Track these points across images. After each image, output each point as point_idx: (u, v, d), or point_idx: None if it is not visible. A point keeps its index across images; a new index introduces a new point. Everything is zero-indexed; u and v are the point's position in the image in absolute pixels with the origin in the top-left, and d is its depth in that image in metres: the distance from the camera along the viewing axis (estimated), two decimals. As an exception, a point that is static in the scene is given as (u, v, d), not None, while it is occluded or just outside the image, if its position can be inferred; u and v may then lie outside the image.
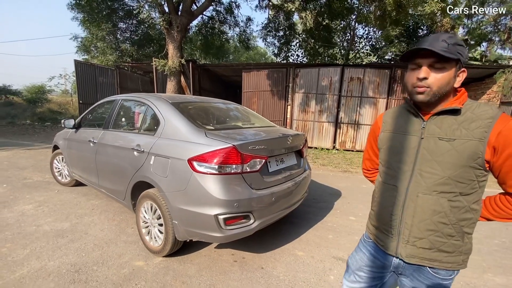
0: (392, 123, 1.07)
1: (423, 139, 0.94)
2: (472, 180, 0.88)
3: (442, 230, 0.91)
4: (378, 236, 1.08)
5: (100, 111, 3.52)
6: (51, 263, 2.15)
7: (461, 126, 0.88)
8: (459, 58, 0.86)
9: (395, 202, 1.00)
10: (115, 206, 3.34)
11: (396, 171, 1.00)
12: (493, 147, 0.84)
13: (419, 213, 0.94)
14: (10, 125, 11.96)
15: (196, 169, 1.92)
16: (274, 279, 2.08)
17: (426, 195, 0.92)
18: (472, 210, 0.91)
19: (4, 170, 4.79)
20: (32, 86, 19.14)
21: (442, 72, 0.87)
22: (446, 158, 0.88)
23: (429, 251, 0.94)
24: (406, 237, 0.97)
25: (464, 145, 0.86)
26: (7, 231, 2.63)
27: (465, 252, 0.94)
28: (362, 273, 1.14)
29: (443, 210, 0.90)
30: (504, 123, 0.83)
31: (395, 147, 1.02)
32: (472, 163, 0.86)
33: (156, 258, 2.28)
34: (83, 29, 12.54)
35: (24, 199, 3.47)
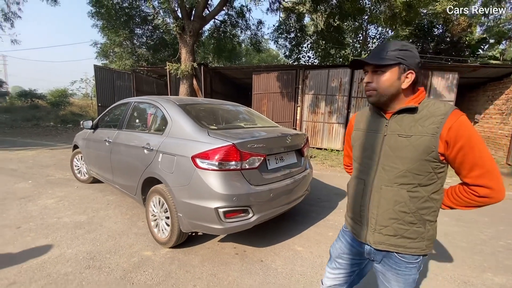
0: (362, 122, 1.17)
1: (386, 136, 1.03)
2: (429, 172, 0.95)
3: (404, 218, 0.99)
4: (352, 226, 1.18)
5: (116, 112, 3.77)
6: (69, 251, 2.37)
7: (418, 123, 0.96)
8: (399, 62, 0.95)
9: (363, 194, 1.10)
10: (128, 201, 3.57)
11: (364, 166, 1.11)
12: (445, 141, 0.91)
13: (383, 204, 1.03)
14: (35, 126, 12.73)
15: (198, 166, 2.07)
16: (272, 271, 2.19)
17: (388, 187, 1.01)
18: (432, 199, 0.98)
19: (30, 167, 5.18)
20: (56, 90, 20.27)
21: (383, 75, 0.98)
22: (404, 153, 0.97)
23: (394, 238, 1.02)
24: (373, 226, 1.06)
25: (419, 140, 0.94)
26: (31, 222, 2.89)
27: (427, 238, 1.01)
28: (341, 260, 1.24)
29: (403, 200, 0.98)
30: (454, 118, 0.91)
31: (363, 144, 1.12)
32: (427, 157, 0.94)
33: (163, 249, 2.45)
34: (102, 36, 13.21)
35: (47, 194, 3.77)
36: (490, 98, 9.08)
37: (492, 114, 8.92)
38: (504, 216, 3.58)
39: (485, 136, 9.20)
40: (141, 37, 14.55)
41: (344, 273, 1.24)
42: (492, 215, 3.61)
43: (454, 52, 12.46)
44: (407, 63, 0.96)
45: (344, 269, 1.23)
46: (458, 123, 0.90)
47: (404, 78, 0.97)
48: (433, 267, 2.34)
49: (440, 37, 12.47)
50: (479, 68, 7.91)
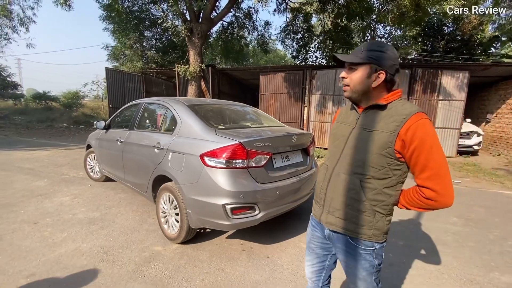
0: (342, 115, 1.24)
1: (354, 129, 1.10)
2: (383, 166, 1.00)
3: (354, 204, 1.06)
4: (314, 207, 1.27)
5: (127, 113, 3.89)
6: (84, 245, 2.48)
7: (382, 120, 1.02)
8: (370, 62, 1.01)
9: (324, 178, 1.18)
10: (139, 199, 3.68)
11: (331, 154, 1.19)
12: (402, 140, 0.96)
13: (338, 189, 1.10)
14: (49, 127, 13.15)
15: (206, 164, 2.15)
16: (278, 267, 2.24)
17: (345, 174, 1.08)
18: (384, 193, 1.03)
19: (45, 167, 5.39)
20: (68, 92, 20.87)
21: (355, 73, 1.05)
22: (364, 145, 1.03)
23: (344, 221, 1.10)
24: (327, 208, 1.15)
25: (379, 135, 1.00)
26: (48, 218, 3.03)
27: (376, 227, 1.06)
28: (313, 245, 1.31)
29: (355, 188, 1.05)
30: (415, 120, 0.95)
31: (335, 134, 1.21)
32: (383, 151, 0.99)
33: (173, 244, 2.54)
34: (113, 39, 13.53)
35: (62, 192, 3.93)
36: (502, 97, 8.88)
37: (505, 113, 8.72)
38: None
39: (498, 136, 9.00)
40: (150, 39, 14.85)
41: (317, 258, 1.30)
42: (502, 215, 3.57)
43: (465, 51, 12.21)
44: (378, 63, 1.01)
45: (316, 254, 1.30)
46: (416, 125, 0.94)
47: (376, 77, 1.02)
48: (439, 266, 2.35)
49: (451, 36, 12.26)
50: (491, 66, 7.75)
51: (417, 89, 8.11)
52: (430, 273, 2.25)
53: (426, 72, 7.96)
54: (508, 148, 8.37)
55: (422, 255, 2.53)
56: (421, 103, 8.03)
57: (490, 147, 9.45)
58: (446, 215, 3.49)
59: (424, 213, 3.53)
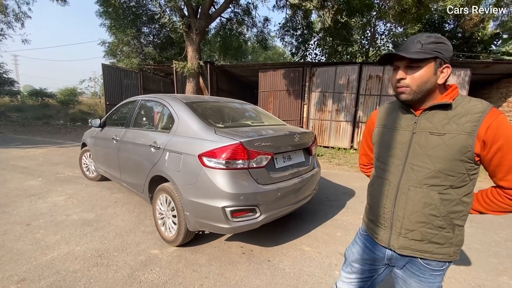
0: (385, 119, 1.10)
1: (415, 134, 0.97)
2: (462, 173, 0.90)
3: (433, 222, 0.94)
4: (373, 229, 1.12)
5: (123, 111, 3.78)
6: (78, 248, 2.38)
7: (452, 120, 0.90)
8: (436, 55, 0.88)
9: (388, 195, 1.03)
10: (135, 199, 3.58)
11: (389, 165, 1.04)
12: (482, 141, 0.86)
13: (410, 206, 0.96)
14: (46, 125, 12.98)
15: (205, 164, 2.05)
16: (280, 272, 2.16)
17: (416, 188, 0.95)
18: (463, 202, 0.93)
19: (40, 165, 5.27)
20: (65, 89, 20.64)
21: (418, 71, 0.91)
22: (436, 152, 0.91)
23: (420, 243, 0.97)
24: (398, 229, 1.00)
25: (454, 139, 0.88)
26: (41, 219, 2.93)
27: (456, 243, 0.96)
28: (358, 264, 1.18)
29: (433, 202, 0.92)
30: (493, 117, 0.85)
31: (388, 142, 1.05)
32: (462, 157, 0.88)
33: (170, 247, 2.45)
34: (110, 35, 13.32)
35: (56, 191, 3.82)
36: (503, 95, 8.82)
37: (506, 111, 8.67)
38: (520, 217, 3.46)
39: (498, 134, 8.96)
40: (148, 35, 14.62)
41: (360, 278, 1.18)
42: (507, 216, 3.49)
43: (466, 48, 12.12)
44: (443, 57, 0.90)
45: (361, 274, 1.18)
46: (497, 122, 0.85)
47: (440, 72, 0.92)
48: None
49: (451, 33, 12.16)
50: (493, 64, 7.68)
51: (418, 86, 8.02)
52: (437, 277, 2.17)
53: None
54: (508, 146, 8.34)
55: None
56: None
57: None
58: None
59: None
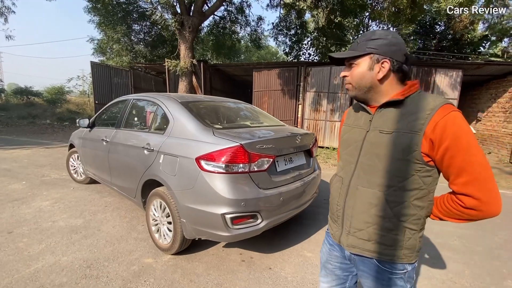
0: (351, 117, 1.08)
1: (368, 132, 0.94)
2: (411, 174, 0.83)
3: (379, 223, 0.89)
4: (331, 226, 1.09)
5: (113, 110, 3.61)
6: (64, 258, 2.21)
7: (402, 118, 0.85)
8: (370, 52, 0.88)
9: (340, 193, 1.01)
10: (127, 203, 3.41)
11: (344, 164, 1.02)
12: (430, 140, 0.79)
13: (358, 205, 0.93)
14: (31, 124, 12.49)
15: (203, 168, 1.92)
16: (282, 280, 2.05)
17: (364, 187, 0.92)
18: (415, 206, 0.86)
19: (24, 167, 5.00)
20: (52, 87, 19.96)
21: (355, 68, 0.93)
22: (383, 150, 0.87)
23: (368, 242, 0.93)
24: (347, 228, 0.98)
25: (400, 138, 0.83)
26: (24, 226, 2.73)
27: (407, 247, 0.89)
28: (330, 265, 1.13)
29: (379, 203, 0.88)
30: (442, 114, 0.78)
31: (347, 140, 1.03)
32: (408, 157, 0.82)
33: (165, 255, 2.31)
34: (99, 32, 12.93)
35: (41, 195, 3.60)
36: (493, 96, 8.97)
37: (495, 112, 8.83)
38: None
39: (488, 134, 9.11)
40: (138, 33, 14.25)
41: (336, 280, 1.12)
42: (504, 217, 3.49)
43: (456, 50, 12.33)
44: (378, 52, 0.87)
45: (335, 276, 1.12)
46: (445, 120, 0.77)
47: (379, 68, 0.88)
48: (450, 274, 2.22)
49: (442, 34, 12.34)
50: (484, 65, 7.79)
51: (411, 87, 8.07)
52: (442, 282, 2.11)
53: (420, 70, 7.94)
54: (498, 146, 8.48)
55: (431, 262, 2.39)
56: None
57: (480, 145, 9.55)
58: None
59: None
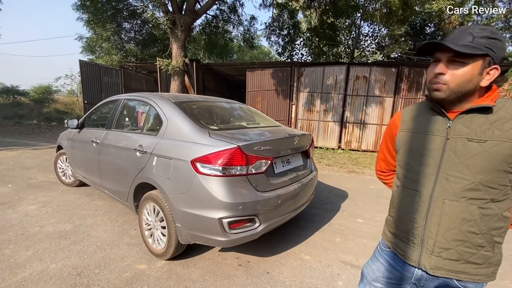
0: (412, 122, 0.97)
1: (448, 140, 0.85)
2: (505, 185, 0.79)
3: (472, 240, 0.83)
4: (398, 245, 1.00)
5: (103, 111, 3.49)
6: (53, 266, 2.11)
7: (493, 126, 0.79)
8: (487, 53, 0.76)
9: (418, 209, 0.91)
10: (118, 207, 3.30)
11: (418, 175, 0.91)
12: None
13: (445, 221, 0.85)
14: (17, 125, 12.09)
15: (199, 171, 1.86)
16: (280, 285, 2.01)
17: (453, 201, 0.84)
18: (505, 218, 0.83)
19: (10, 170, 4.81)
20: (39, 87, 19.38)
21: (462, 67, 0.79)
22: (477, 161, 0.80)
23: (456, 263, 0.86)
24: (430, 247, 0.89)
25: (497, 147, 0.77)
26: (10, 232, 2.61)
27: (495, 263, 0.85)
28: (379, 284, 1.06)
29: (473, 218, 0.82)
30: None
31: (416, 148, 0.93)
32: (507, 167, 0.77)
33: (159, 261, 2.23)
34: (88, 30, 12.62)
35: (28, 199, 3.46)
36: (481, 96, 9.19)
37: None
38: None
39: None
40: (129, 31, 13.99)
41: None
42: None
43: (446, 51, 12.49)
44: (494, 56, 0.77)
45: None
46: None
47: (486, 74, 0.79)
48: (448, 274, 2.22)
49: (432, 36, 12.55)
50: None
51: (403, 87, 8.17)
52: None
53: (412, 71, 8.04)
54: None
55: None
56: (407, 102, 8.12)
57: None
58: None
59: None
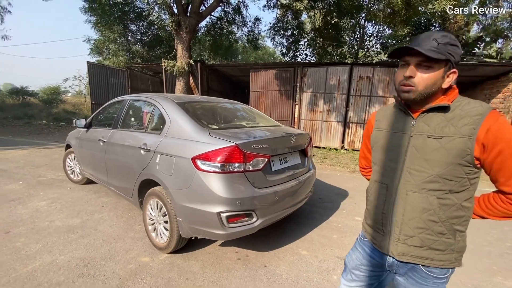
0: (384, 121, 1.07)
1: (412, 137, 0.94)
2: (461, 177, 0.87)
3: (432, 228, 0.91)
4: (373, 235, 1.09)
5: (110, 111, 3.62)
6: (61, 257, 2.23)
7: (450, 123, 0.87)
8: (448, 58, 0.85)
9: (386, 200, 1.00)
10: (124, 203, 3.43)
11: (387, 169, 1.01)
12: (482, 144, 0.83)
13: (408, 211, 0.94)
14: (27, 125, 12.41)
15: (199, 168, 1.95)
16: (277, 278, 2.09)
17: (415, 193, 0.92)
18: (464, 207, 0.90)
19: (21, 168, 4.99)
20: (48, 88, 19.84)
21: (429, 71, 0.87)
22: (435, 155, 0.88)
23: (420, 249, 0.94)
24: (397, 235, 0.97)
25: (452, 142, 0.86)
26: (21, 226, 2.75)
27: (457, 250, 0.93)
28: (359, 272, 1.14)
29: (432, 208, 0.90)
30: (493, 119, 0.82)
31: (386, 145, 1.03)
32: (461, 161, 0.85)
33: (162, 254, 2.33)
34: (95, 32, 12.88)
35: (38, 196, 3.61)
36: (487, 96, 9.11)
37: (489, 112, 8.96)
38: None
39: (482, 135, 9.25)
40: (135, 33, 14.22)
41: (361, 286, 1.15)
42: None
43: (451, 51, 12.39)
44: (454, 61, 0.87)
45: (362, 282, 1.14)
46: (497, 125, 0.82)
47: (447, 77, 0.89)
48: (442, 271, 2.27)
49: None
50: (477, 66, 7.91)
51: (406, 87, 8.15)
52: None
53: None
54: (492, 146, 8.61)
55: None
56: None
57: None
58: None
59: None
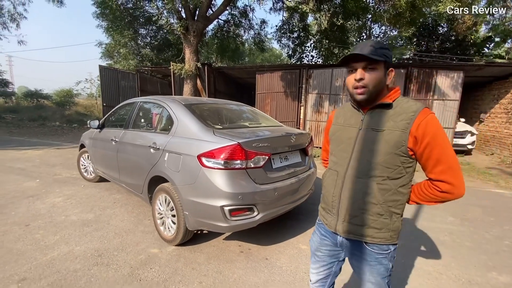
0: (340, 117, 1.22)
1: (360, 130, 1.09)
2: (398, 166, 1.01)
3: (372, 209, 1.04)
4: (325, 217, 1.23)
5: (122, 112, 3.82)
6: (77, 248, 2.42)
7: (390, 118, 1.02)
8: (385, 60, 1.00)
9: (336, 185, 1.14)
10: (134, 200, 3.62)
11: (339, 158, 1.15)
12: (414, 137, 0.97)
13: (353, 195, 1.08)
14: (42, 126, 12.89)
15: (204, 164, 2.10)
16: (277, 269, 2.21)
17: (359, 178, 1.06)
18: (399, 193, 1.03)
19: (37, 167, 5.27)
20: (61, 90, 20.52)
21: (374, 72, 1.01)
22: (376, 146, 1.02)
23: (361, 228, 1.07)
24: (343, 216, 1.11)
25: (390, 135, 1.00)
26: (40, 220, 2.95)
27: (392, 229, 1.06)
28: (320, 252, 1.27)
29: (372, 192, 1.03)
30: (423, 116, 0.96)
31: (339, 138, 1.18)
32: (397, 151, 0.99)
33: (169, 246, 2.49)
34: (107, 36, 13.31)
35: (54, 192, 3.83)
36: (495, 97, 8.99)
37: (498, 113, 8.83)
38: (509, 216, 3.56)
39: (491, 135, 9.11)
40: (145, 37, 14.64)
41: (324, 265, 1.27)
42: (498, 215, 3.60)
43: (459, 51, 12.35)
44: (389, 62, 1.03)
45: (324, 262, 1.27)
46: (426, 121, 0.96)
47: (387, 75, 1.05)
48: (437, 266, 2.35)
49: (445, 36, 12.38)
50: (485, 66, 7.83)
51: (412, 88, 8.15)
52: (429, 273, 2.24)
53: (421, 72, 8.01)
54: (501, 147, 8.48)
55: (420, 255, 2.53)
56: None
57: (483, 146, 9.57)
58: (442, 215, 3.51)
59: (421, 212, 3.55)
